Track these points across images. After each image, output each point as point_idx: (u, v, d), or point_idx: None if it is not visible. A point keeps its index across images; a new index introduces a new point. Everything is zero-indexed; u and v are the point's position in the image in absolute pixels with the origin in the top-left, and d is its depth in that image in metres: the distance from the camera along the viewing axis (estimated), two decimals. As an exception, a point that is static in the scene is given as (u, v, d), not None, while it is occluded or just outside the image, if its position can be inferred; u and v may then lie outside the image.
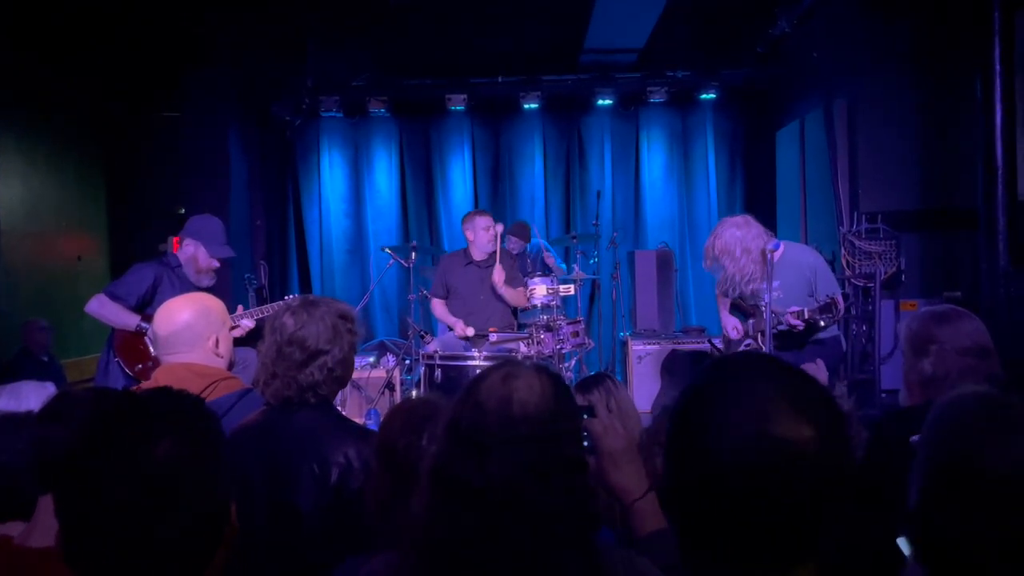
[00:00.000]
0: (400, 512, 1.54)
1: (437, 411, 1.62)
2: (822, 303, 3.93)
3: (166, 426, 1.13)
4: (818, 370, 4.02)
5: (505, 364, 1.30)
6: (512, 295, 5.60)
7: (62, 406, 1.63)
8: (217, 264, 4.30)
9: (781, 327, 4.15)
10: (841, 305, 3.94)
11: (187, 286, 4.03)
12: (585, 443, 1.45)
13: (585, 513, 1.21)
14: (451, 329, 5.67)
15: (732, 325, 4.55)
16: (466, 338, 5.51)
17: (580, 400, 2.35)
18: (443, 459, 1.22)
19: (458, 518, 1.17)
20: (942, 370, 2.34)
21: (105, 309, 3.95)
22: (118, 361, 3.96)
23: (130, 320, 3.95)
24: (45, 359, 6.14)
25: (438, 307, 5.79)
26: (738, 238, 4.07)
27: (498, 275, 5.46)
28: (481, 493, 1.16)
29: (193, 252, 4.22)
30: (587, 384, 2.48)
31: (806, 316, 4.00)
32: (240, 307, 4.08)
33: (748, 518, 0.92)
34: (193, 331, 2.38)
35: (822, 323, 4.01)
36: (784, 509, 0.91)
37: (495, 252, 5.56)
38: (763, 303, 4.04)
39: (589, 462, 1.32)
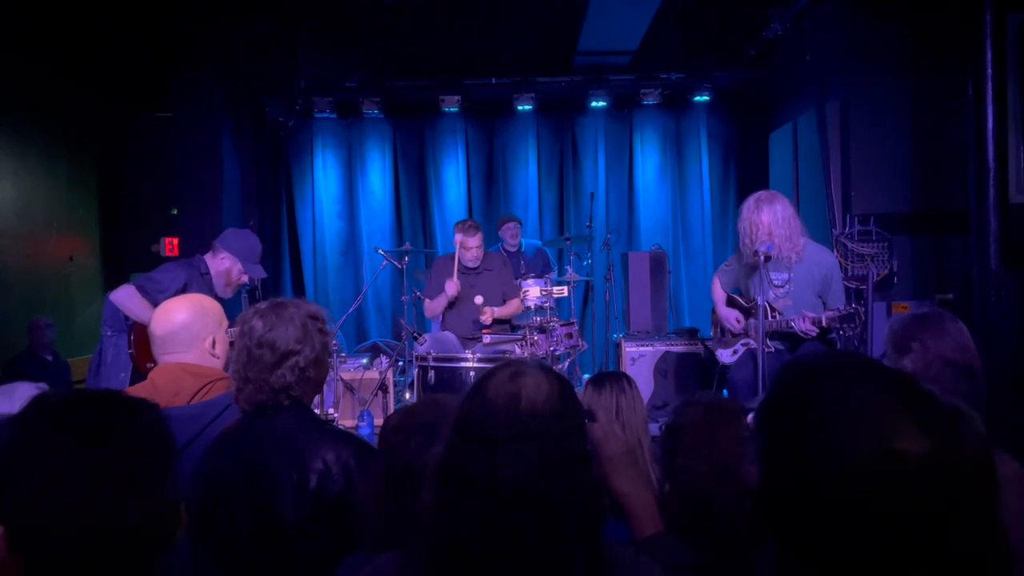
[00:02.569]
0: (393, 512, 1.54)
1: (437, 414, 1.62)
2: (844, 312, 3.95)
3: (123, 417, 1.16)
4: None
5: (511, 363, 1.31)
6: (508, 313, 5.64)
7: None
8: (246, 280, 4.40)
9: (790, 330, 4.16)
10: (863, 317, 3.97)
11: (211, 293, 4.05)
12: (588, 448, 1.46)
13: (591, 509, 1.22)
14: (444, 328, 5.68)
15: (734, 316, 4.55)
16: (456, 302, 5.52)
17: (590, 393, 2.37)
18: (451, 456, 1.22)
19: (466, 514, 1.17)
20: (922, 367, 2.38)
21: (131, 302, 3.95)
22: (131, 353, 3.98)
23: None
24: (49, 358, 6.12)
25: (429, 305, 5.81)
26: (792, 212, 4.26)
27: (487, 318, 5.51)
28: (489, 489, 1.17)
29: (229, 267, 4.28)
30: (602, 379, 2.48)
31: (824, 324, 4.02)
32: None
33: (865, 533, 0.90)
34: (190, 331, 2.37)
35: (843, 332, 4.03)
36: (903, 523, 0.90)
37: (480, 263, 5.64)
38: (764, 297, 4.05)
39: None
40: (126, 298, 3.96)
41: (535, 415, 1.21)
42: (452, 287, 5.52)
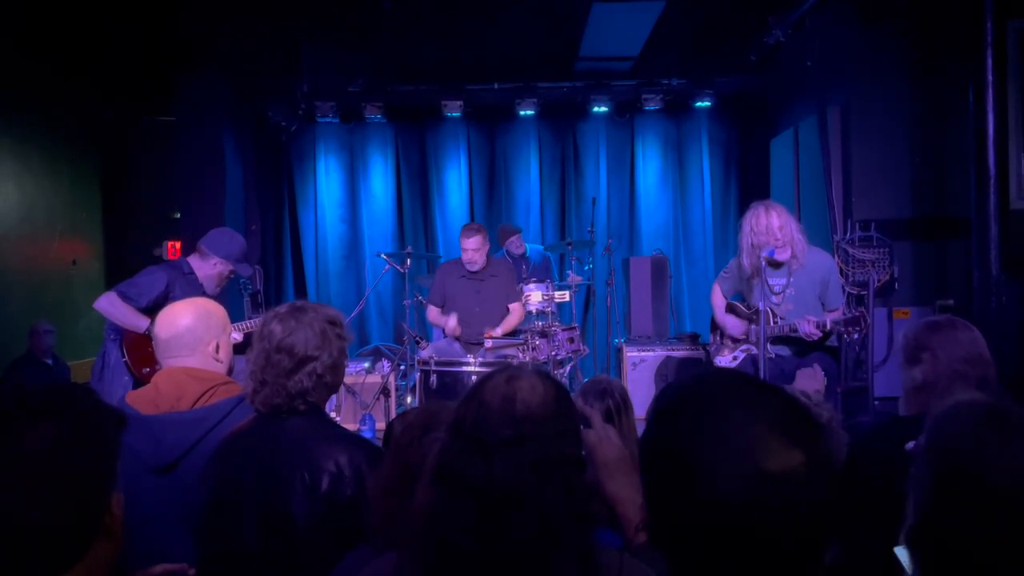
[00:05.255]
0: (403, 509, 1.55)
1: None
2: (849, 316, 3.98)
3: (40, 415, 1.14)
4: (815, 374, 4.08)
5: (508, 367, 1.33)
6: (513, 323, 5.63)
7: None
8: (232, 278, 4.42)
9: (794, 334, 4.19)
10: (868, 320, 4.00)
11: (198, 293, 4.05)
12: (582, 452, 1.47)
13: (584, 512, 1.24)
14: (445, 335, 5.68)
15: (731, 322, 4.57)
16: (460, 339, 5.51)
17: (583, 403, 2.39)
18: (447, 457, 1.24)
19: (461, 515, 1.19)
20: (932, 377, 2.36)
21: (115, 308, 3.94)
22: (126, 362, 3.97)
23: (140, 322, 3.95)
24: (49, 362, 6.12)
25: (432, 312, 5.81)
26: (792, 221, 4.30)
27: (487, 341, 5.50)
28: (484, 491, 1.18)
29: (221, 269, 4.28)
30: (599, 394, 2.49)
31: (828, 327, 4.03)
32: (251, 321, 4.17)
33: (747, 552, 0.91)
34: (194, 335, 2.38)
35: (852, 335, 4.06)
36: (784, 538, 0.90)
37: (484, 266, 5.61)
38: (765, 303, 4.07)
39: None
40: (108, 305, 3.94)
41: (529, 418, 1.23)
42: (451, 327, 5.50)
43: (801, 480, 0.90)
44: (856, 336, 4.16)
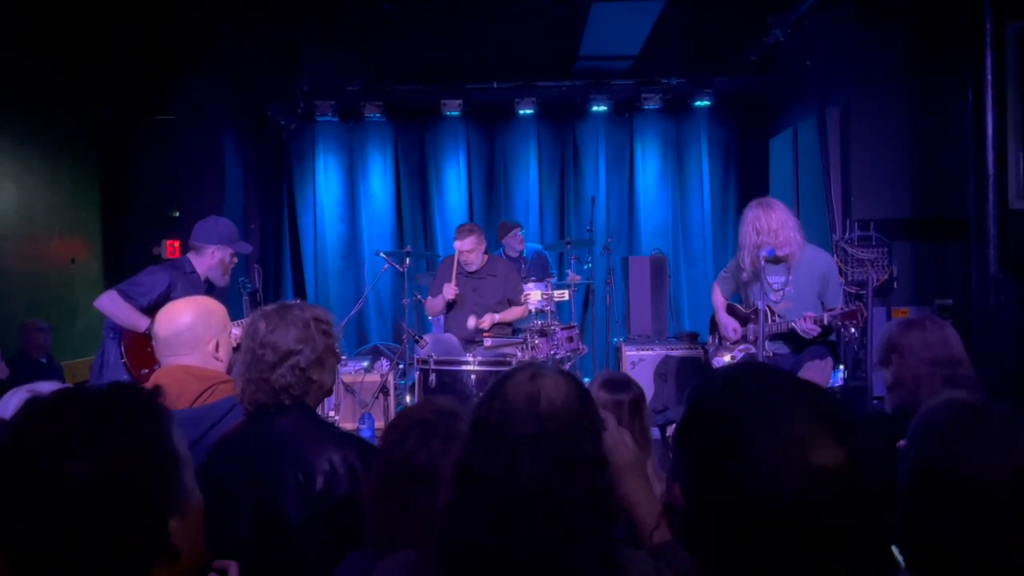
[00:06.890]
0: (391, 510, 1.56)
1: (432, 412, 1.64)
2: (846, 310, 3.99)
3: (88, 439, 1.04)
4: (824, 367, 4.09)
5: (530, 365, 1.34)
6: (510, 318, 5.63)
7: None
8: (236, 261, 4.38)
9: (791, 332, 4.19)
10: (865, 313, 4.00)
11: (199, 292, 4.03)
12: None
13: (605, 510, 1.24)
14: (447, 330, 5.69)
15: (732, 327, 4.56)
16: (471, 337, 5.53)
17: (606, 393, 2.40)
18: (469, 456, 1.24)
19: (482, 514, 1.19)
20: (899, 378, 2.40)
21: (116, 308, 3.92)
22: (125, 363, 3.96)
23: (140, 322, 3.94)
24: (44, 361, 6.11)
25: (429, 303, 5.81)
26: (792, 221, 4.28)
27: (485, 323, 5.50)
28: (507, 489, 1.19)
29: (222, 256, 4.25)
30: (619, 385, 2.49)
31: (826, 321, 4.04)
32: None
33: (791, 549, 0.90)
34: (194, 333, 2.38)
35: (850, 329, 4.06)
36: (827, 535, 0.90)
37: (483, 265, 5.61)
38: (764, 301, 4.08)
39: None
40: (110, 304, 3.92)
41: (553, 416, 1.23)
42: (449, 291, 5.52)
43: (846, 478, 0.90)
44: (854, 330, 4.15)
